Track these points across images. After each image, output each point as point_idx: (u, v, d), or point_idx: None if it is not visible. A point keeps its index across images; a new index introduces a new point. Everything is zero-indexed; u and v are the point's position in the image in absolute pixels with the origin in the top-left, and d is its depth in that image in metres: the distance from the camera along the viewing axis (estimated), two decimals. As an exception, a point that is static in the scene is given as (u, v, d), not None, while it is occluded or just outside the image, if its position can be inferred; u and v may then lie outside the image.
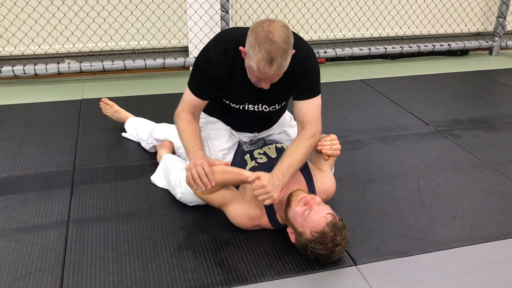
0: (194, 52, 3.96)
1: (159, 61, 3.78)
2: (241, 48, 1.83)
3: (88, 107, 3.25)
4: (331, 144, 2.00)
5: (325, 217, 1.78)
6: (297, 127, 2.06)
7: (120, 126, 2.90)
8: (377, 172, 2.53)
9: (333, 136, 2.03)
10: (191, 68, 4.03)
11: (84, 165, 2.54)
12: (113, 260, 1.86)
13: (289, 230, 1.90)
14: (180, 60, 3.83)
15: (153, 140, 2.62)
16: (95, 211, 2.16)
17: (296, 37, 1.90)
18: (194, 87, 2.03)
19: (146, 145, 2.67)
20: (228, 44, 1.91)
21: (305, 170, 2.04)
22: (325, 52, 4.13)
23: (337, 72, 4.08)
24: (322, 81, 2.06)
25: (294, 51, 1.81)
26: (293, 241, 1.88)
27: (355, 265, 1.88)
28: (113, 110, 2.88)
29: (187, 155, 1.99)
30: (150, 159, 2.60)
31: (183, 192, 2.14)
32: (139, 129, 2.74)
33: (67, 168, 2.50)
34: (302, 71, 1.95)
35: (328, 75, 3.98)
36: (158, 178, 2.38)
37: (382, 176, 2.49)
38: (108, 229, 2.04)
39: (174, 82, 3.79)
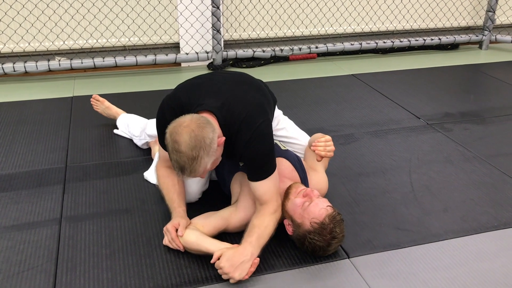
0: (185, 48, 3.95)
1: (150, 58, 3.77)
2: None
3: (79, 104, 3.23)
4: (325, 145, 2.01)
5: (325, 209, 1.79)
6: (256, 203, 1.91)
7: (111, 123, 2.89)
8: (369, 166, 2.54)
9: (328, 138, 2.04)
10: (182, 65, 4.04)
11: (76, 162, 2.53)
12: (106, 257, 1.86)
13: (286, 222, 1.90)
14: (171, 57, 3.82)
15: (146, 136, 2.61)
16: (87, 208, 2.16)
17: (247, 119, 1.80)
18: (162, 143, 1.91)
19: (139, 142, 2.66)
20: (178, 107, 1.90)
21: (300, 169, 2.05)
22: (316, 47, 4.14)
23: (329, 67, 4.09)
24: (313, 76, 2.07)
25: (222, 139, 1.76)
26: (290, 233, 1.88)
27: (348, 257, 1.89)
28: (104, 107, 2.87)
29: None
30: (143, 156, 2.59)
31: None
32: (131, 126, 2.73)
33: (59, 165, 2.49)
34: (246, 156, 1.84)
35: (319, 70, 3.98)
36: (151, 175, 2.38)
37: (374, 169, 2.51)
38: (101, 225, 2.04)
39: (166, 79, 3.79)
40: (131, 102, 3.22)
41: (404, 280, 1.79)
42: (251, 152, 1.81)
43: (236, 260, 1.72)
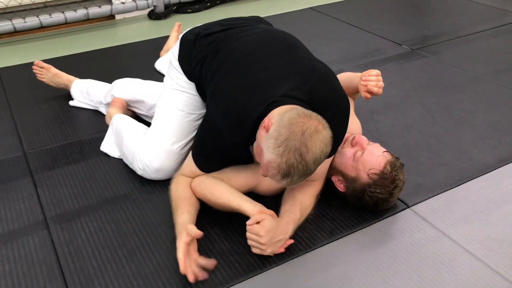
0: (119, -2, 3.38)
1: (81, 12, 3.17)
2: (266, 120, 1.36)
3: (10, 76, 2.63)
4: (377, 80, 1.70)
5: (383, 156, 1.52)
6: None
7: (63, 94, 2.36)
8: (378, 102, 2.28)
9: (378, 72, 1.73)
10: (117, 17, 3.47)
11: (35, 147, 2.02)
12: (126, 259, 1.46)
13: (335, 178, 1.61)
14: (105, 9, 3.24)
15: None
16: (74, 201, 1.71)
17: (328, 102, 1.47)
18: (203, 166, 1.57)
19: (106, 109, 2.19)
20: (241, 120, 1.44)
21: None
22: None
23: (283, 3, 3.71)
24: (269, 14, 1.74)
25: None
26: (342, 190, 1.59)
27: (409, 207, 1.64)
28: (51, 74, 2.32)
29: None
30: (117, 127, 2.13)
31: (143, 169, 1.76)
32: (92, 92, 2.23)
33: (15, 154, 1.97)
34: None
35: (273, 7, 3.60)
36: (110, 146, 1.95)
37: (385, 105, 2.26)
38: (101, 220, 1.62)
39: (104, 35, 3.22)
40: (72, 67, 2.63)
41: (479, 217, 1.58)
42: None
43: (276, 235, 1.40)
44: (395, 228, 1.56)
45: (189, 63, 1.72)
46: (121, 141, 1.87)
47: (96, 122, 2.19)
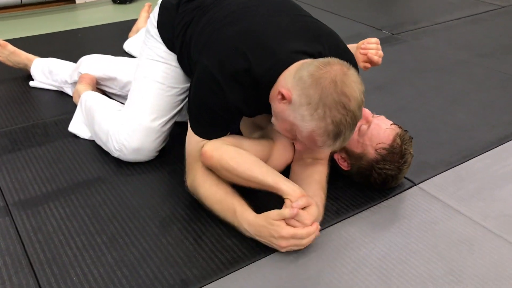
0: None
1: (38, -7, 2.92)
2: (282, 91, 1.16)
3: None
4: (377, 48, 1.57)
5: (391, 129, 1.39)
6: (304, 156, 1.43)
7: (22, 74, 2.12)
8: (366, 83, 2.16)
9: (377, 40, 1.60)
10: (78, 1, 3.23)
11: (-9, 129, 1.78)
12: (106, 246, 1.26)
13: (337, 156, 1.46)
14: (66, -10, 3.01)
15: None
16: (41, 185, 1.48)
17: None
18: (207, 133, 1.33)
19: (71, 90, 1.97)
20: (239, 74, 1.25)
21: None
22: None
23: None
24: None
25: None
26: (345, 168, 1.45)
27: (416, 184, 1.52)
28: (8, 52, 2.07)
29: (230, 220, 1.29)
30: (85, 108, 1.91)
31: (120, 149, 1.56)
32: (56, 71, 2.01)
33: (-33, 136, 1.73)
34: None
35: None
36: (79, 127, 1.74)
37: (374, 85, 2.14)
38: (74, 205, 1.40)
39: (64, 18, 2.97)
40: (27, 49, 2.32)
41: (490, 193, 1.47)
42: None
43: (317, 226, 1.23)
44: (405, 206, 1.43)
45: (171, 30, 1.53)
46: (93, 119, 1.66)
47: (61, 103, 1.96)
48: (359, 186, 1.47)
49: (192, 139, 1.35)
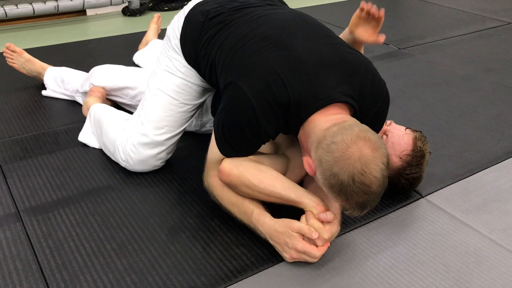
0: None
1: (50, 5, 2.96)
2: (306, 163, 1.18)
3: (-27, 67, 2.40)
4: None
5: (408, 134, 1.45)
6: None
7: (35, 83, 2.16)
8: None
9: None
10: (88, 12, 3.28)
11: (2, 136, 1.81)
12: (116, 253, 1.27)
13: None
14: (78, 2, 3.05)
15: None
16: (51, 192, 1.51)
17: (377, 98, 1.32)
18: (234, 154, 1.31)
19: (83, 98, 2.00)
20: (277, 106, 1.23)
21: None
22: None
23: None
24: None
25: None
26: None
27: (423, 196, 1.53)
28: (24, 60, 2.11)
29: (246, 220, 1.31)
30: (95, 117, 1.94)
31: (126, 160, 1.58)
32: (68, 80, 2.04)
33: (-21, 144, 1.75)
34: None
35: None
36: (88, 137, 1.77)
37: (380, 99, 2.16)
38: (84, 212, 1.42)
39: (76, 30, 3.02)
40: (40, 59, 2.40)
41: (497, 206, 1.48)
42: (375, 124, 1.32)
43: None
44: (412, 218, 1.44)
45: (193, 45, 1.48)
46: (101, 130, 1.68)
47: (72, 112, 2.00)
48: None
49: (215, 149, 1.33)
